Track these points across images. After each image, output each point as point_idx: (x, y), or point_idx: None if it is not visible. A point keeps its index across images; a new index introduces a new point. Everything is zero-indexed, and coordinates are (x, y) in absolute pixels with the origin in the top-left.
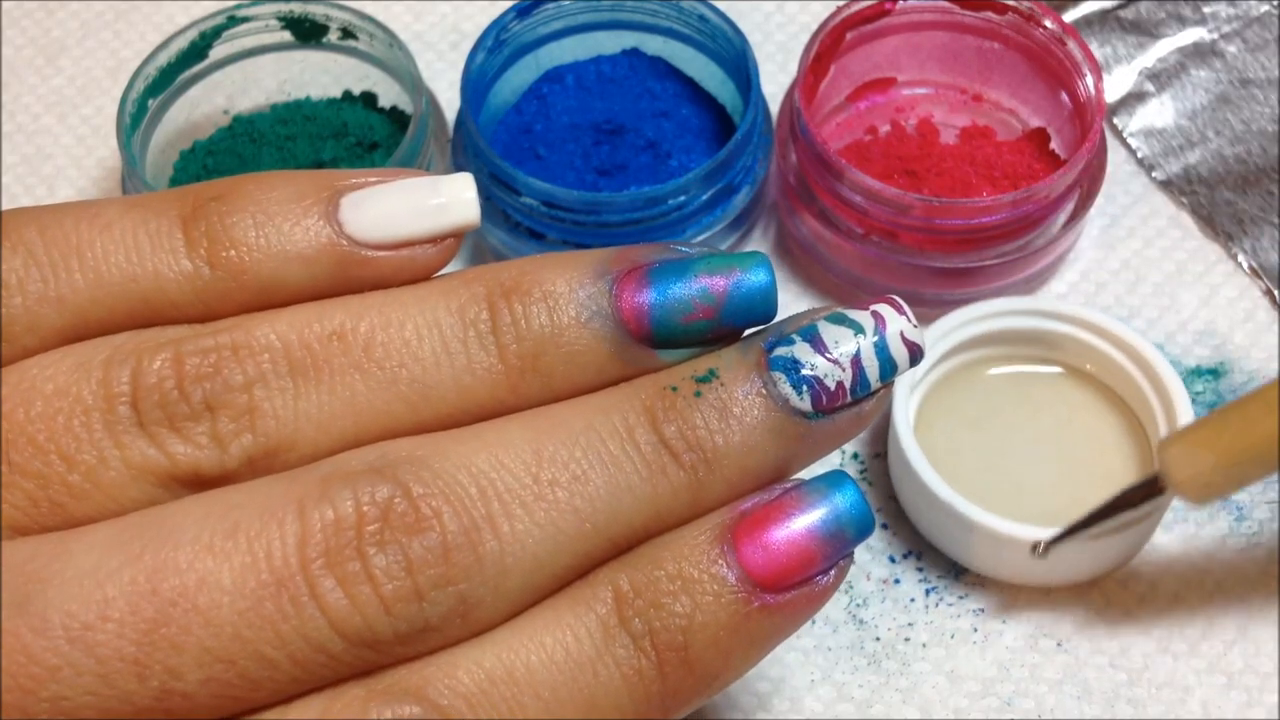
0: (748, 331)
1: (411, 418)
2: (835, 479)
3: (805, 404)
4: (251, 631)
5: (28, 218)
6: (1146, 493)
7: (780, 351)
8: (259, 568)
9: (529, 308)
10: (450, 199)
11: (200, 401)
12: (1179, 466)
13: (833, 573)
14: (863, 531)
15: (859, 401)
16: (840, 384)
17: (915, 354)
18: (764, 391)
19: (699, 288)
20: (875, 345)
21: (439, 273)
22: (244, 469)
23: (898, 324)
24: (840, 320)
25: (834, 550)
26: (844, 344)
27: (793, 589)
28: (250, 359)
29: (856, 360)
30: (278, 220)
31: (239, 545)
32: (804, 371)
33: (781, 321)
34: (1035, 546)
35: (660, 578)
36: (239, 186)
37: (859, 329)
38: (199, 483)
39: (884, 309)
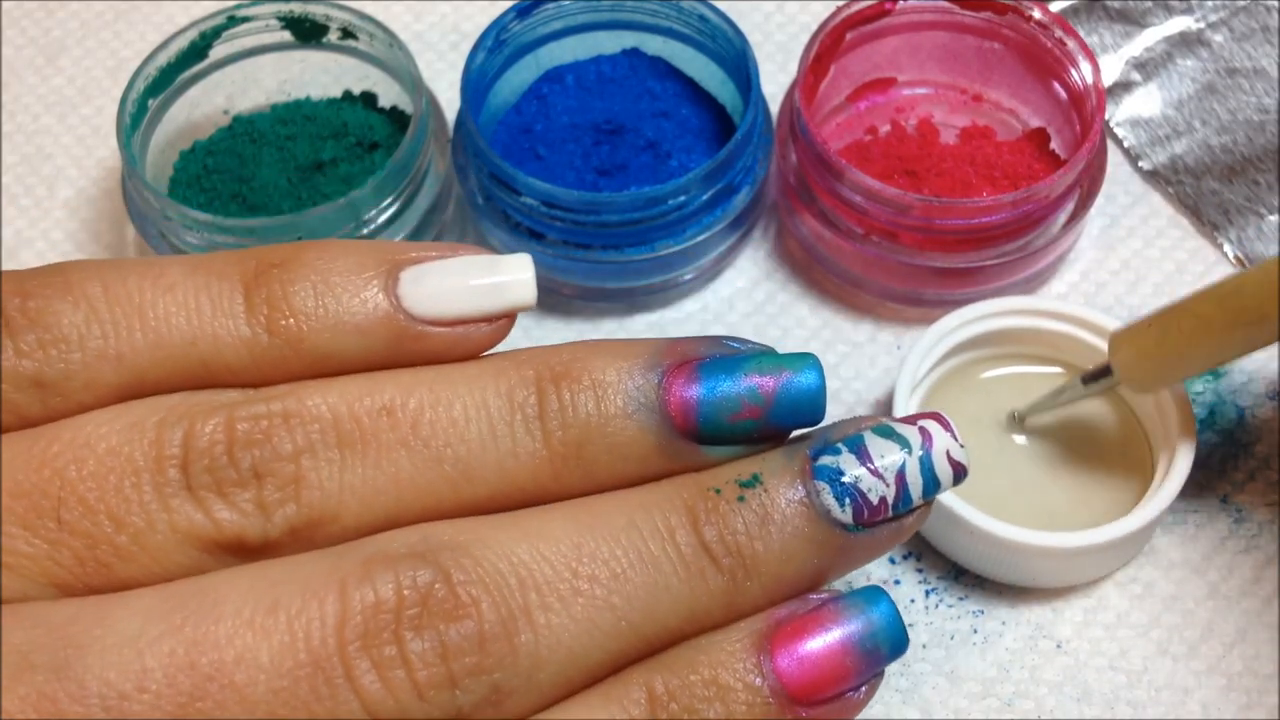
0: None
1: (453, 497)
2: (871, 595)
3: (847, 516)
4: (286, 710)
5: (90, 272)
6: (1099, 374)
7: (825, 460)
8: (297, 648)
9: (576, 395)
10: (508, 279)
11: (248, 468)
12: (1117, 353)
13: (864, 689)
14: (897, 649)
15: (900, 517)
16: (883, 499)
17: (959, 473)
18: (807, 501)
19: (748, 387)
20: (920, 461)
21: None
22: (286, 538)
23: (944, 442)
24: (887, 434)
25: (868, 667)
26: (889, 457)
27: (825, 704)
28: (300, 428)
29: (901, 476)
30: (337, 291)
31: (279, 623)
32: (847, 483)
33: (828, 427)
34: (1012, 414)
35: (695, 683)
36: (301, 254)
37: (905, 444)
38: (242, 550)
39: (931, 425)
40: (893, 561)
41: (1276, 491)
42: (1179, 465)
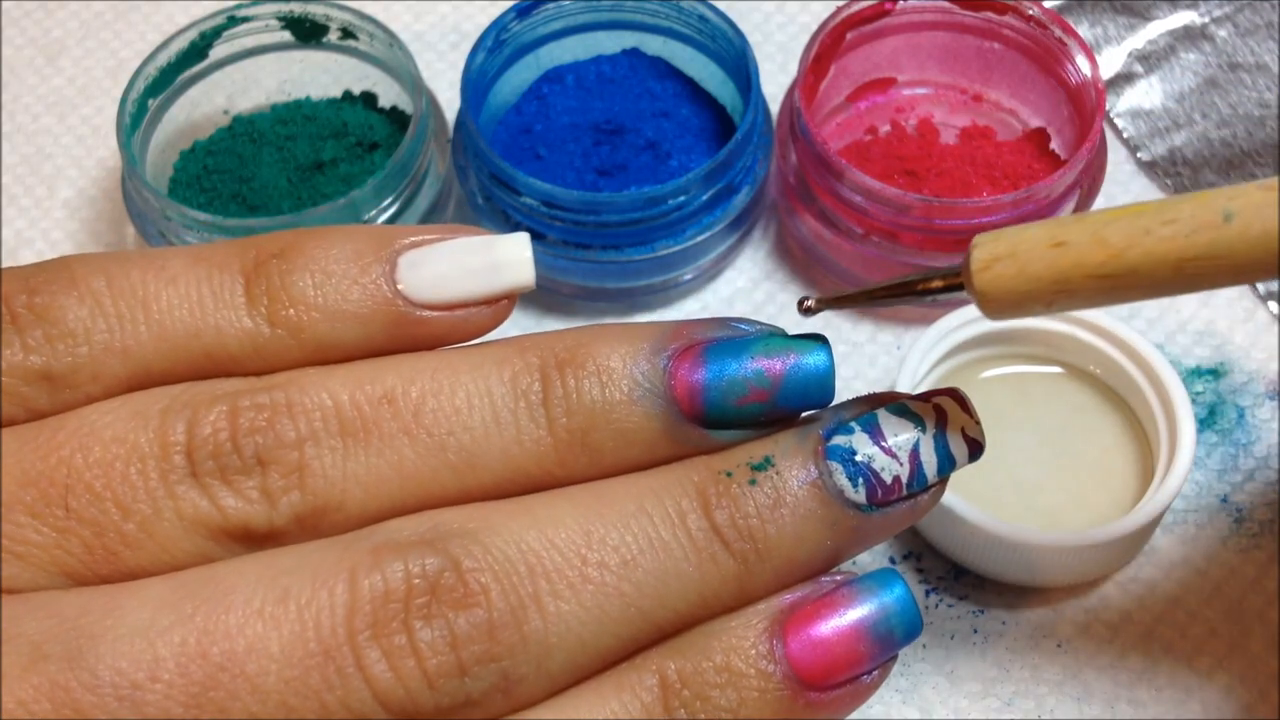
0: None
1: (458, 485)
2: (885, 577)
3: (860, 497)
4: (297, 700)
5: (95, 266)
6: (945, 284)
7: (838, 440)
8: (307, 637)
9: (581, 381)
10: (506, 260)
11: (252, 455)
12: (990, 269)
13: (876, 672)
14: (910, 633)
15: (914, 495)
16: (897, 478)
17: (975, 451)
18: (820, 482)
19: (754, 370)
20: (935, 439)
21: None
22: (292, 526)
23: (959, 419)
24: (901, 412)
25: (881, 651)
26: (903, 436)
27: (837, 688)
28: (303, 416)
29: (915, 454)
30: (336, 279)
31: (289, 612)
32: (860, 462)
33: (841, 406)
34: (802, 302)
35: (708, 669)
36: (299, 243)
37: (919, 423)
38: (249, 538)
39: (946, 402)
40: (893, 562)
41: (1276, 491)
42: (1179, 465)
